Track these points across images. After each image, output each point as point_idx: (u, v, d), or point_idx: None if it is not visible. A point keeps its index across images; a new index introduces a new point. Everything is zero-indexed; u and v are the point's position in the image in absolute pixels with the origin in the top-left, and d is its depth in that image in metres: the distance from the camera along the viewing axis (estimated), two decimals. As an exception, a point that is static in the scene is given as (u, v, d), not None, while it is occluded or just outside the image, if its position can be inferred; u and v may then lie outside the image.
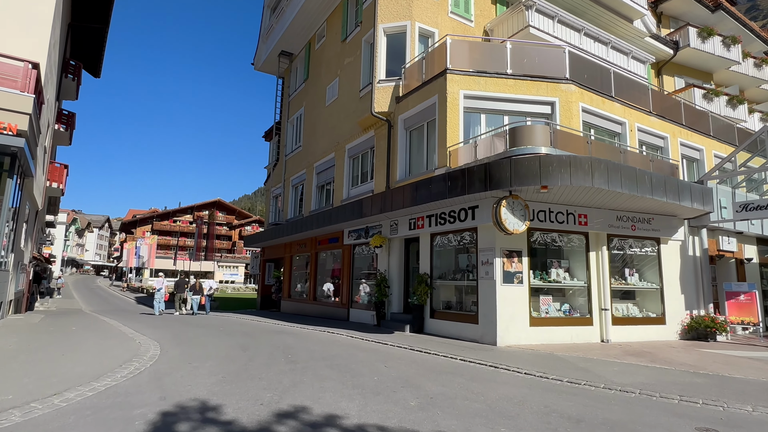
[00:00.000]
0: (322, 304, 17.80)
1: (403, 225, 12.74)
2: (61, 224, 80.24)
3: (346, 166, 17.12)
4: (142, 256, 53.37)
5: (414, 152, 13.82)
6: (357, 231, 15.22)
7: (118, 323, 13.94)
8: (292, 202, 22.39)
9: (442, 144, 11.95)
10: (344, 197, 16.83)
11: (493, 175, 8.85)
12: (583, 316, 10.60)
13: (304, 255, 20.23)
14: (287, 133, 23.66)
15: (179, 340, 9.89)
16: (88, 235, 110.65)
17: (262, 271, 24.86)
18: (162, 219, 79.95)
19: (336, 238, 16.90)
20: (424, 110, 13.03)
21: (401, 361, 7.89)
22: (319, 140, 19.63)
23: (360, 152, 16.45)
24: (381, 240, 13.23)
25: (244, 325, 14.29)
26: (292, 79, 24.09)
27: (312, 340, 10.56)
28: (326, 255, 18.50)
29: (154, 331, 11.77)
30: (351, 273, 15.85)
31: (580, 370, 7.27)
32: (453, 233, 11.28)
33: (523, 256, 10.11)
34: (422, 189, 10.54)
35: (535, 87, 12.31)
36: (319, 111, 19.94)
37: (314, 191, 19.73)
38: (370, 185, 15.43)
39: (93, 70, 29.11)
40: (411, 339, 10.57)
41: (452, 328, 10.87)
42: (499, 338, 9.57)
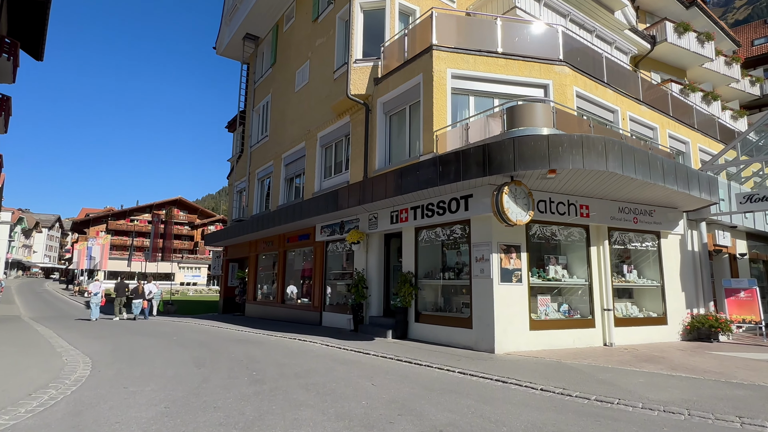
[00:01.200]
0: (291, 307, 16.27)
1: (384, 218, 11.45)
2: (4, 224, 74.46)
3: (319, 156, 15.66)
4: (94, 257, 49.70)
5: (395, 139, 12.55)
6: (331, 226, 13.81)
7: (51, 333, 11.99)
8: (257, 196, 20.68)
9: (427, 128, 10.73)
10: (316, 190, 15.37)
11: (494, 157, 7.69)
12: (585, 318, 9.62)
13: (271, 254, 18.59)
14: (252, 123, 21.91)
15: (119, 355, 8.22)
16: (36, 235, 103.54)
17: (225, 271, 22.98)
18: (118, 218, 75.42)
19: (307, 235, 15.41)
20: (407, 92, 11.79)
21: (390, 377, 6.59)
22: (287, 129, 18.06)
23: (334, 140, 15.04)
24: (358, 235, 11.88)
25: (202, 332, 12.61)
26: (258, 65, 22.35)
27: (281, 350, 9.10)
28: (296, 253, 16.96)
29: (91, 342, 9.98)
30: (324, 273, 14.41)
31: (603, 383, 6.18)
32: (442, 227, 10.07)
33: (521, 252, 9.01)
34: (408, 176, 9.28)
35: (527, 68, 11.30)
36: (287, 98, 18.37)
37: (282, 184, 18.15)
38: (345, 176, 14.05)
39: (34, 52, 26.38)
40: (395, 347, 9.28)
41: (441, 333, 9.66)
42: (497, 344, 8.43)
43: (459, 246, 9.87)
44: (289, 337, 11.14)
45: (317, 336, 11.08)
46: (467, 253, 9.54)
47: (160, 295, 20.91)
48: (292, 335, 11.35)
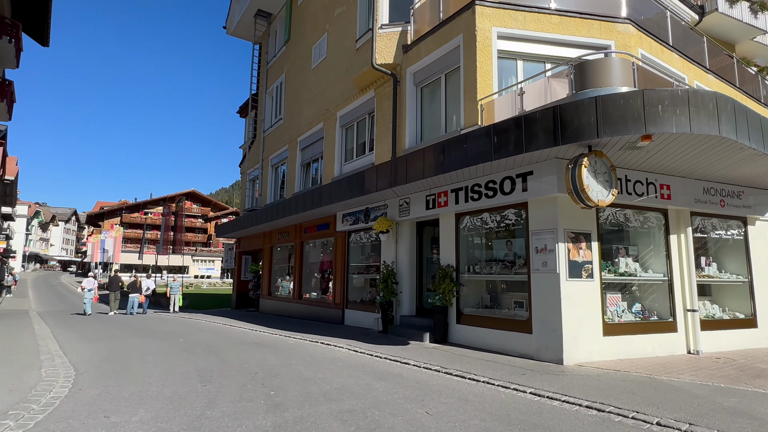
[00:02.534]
0: (309, 303, 14.90)
1: (418, 204, 9.93)
2: (21, 217, 74.72)
3: (338, 138, 14.17)
4: (107, 250, 49.18)
5: (427, 113, 11.00)
6: (354, 214, 12.34)
7: (47, 333, 10.79)
8: (271, 184, 19.31)
9: (469, 97, 9.15)
10: (336, 175, 13.91)
11: (569, 121, 6.10)
12: (664, 320, 8.01)
13: (287, 245, 17.24)
14: (265, 106, 20.49)
15: (110, 364, 6.88)
16: (53, 228, 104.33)
17: (238, 265, 21.74)
18: (132, 211, 75.26)
19: (326, 225, 13.98)
20: (442, 58, 10.21)
21: (447, 401, 5.12)
22: (303, 110, 16.60)
23: (355, 119, 13.52)
24: (387, 224, 10.39)
25: (213, 332, 11.29)
26: (270, 44, 20.88)
27: (302, 357, 7.69)
28: (314, 245, 15.56)
29: (85, 346, 8.70)
30: (346, 266, 12.98)
31: (734, 413, 4.63)
32: (490, 212, 8.51)
33: (592, 241, 7.43)
34: (453, 151, 7.73)
35: (585, 26, 9.63)
36: (303, 76, 16.88)
37: (298, 170, 16.73)
38: (369, 158, 12.55)
39: (39, 36, 25.27)
40: (438, 354, 7.81)
41: (490, 337, 8.15)
42: (566, 354, 6.90)
43: (513, 234, 8.32)
44: (309, 339, 9.74)
45: (341, 338, 9.66)
46: (522, 243, 8.00)
47: (179, 290, 19.82)
48: (312, 337, 9.96)
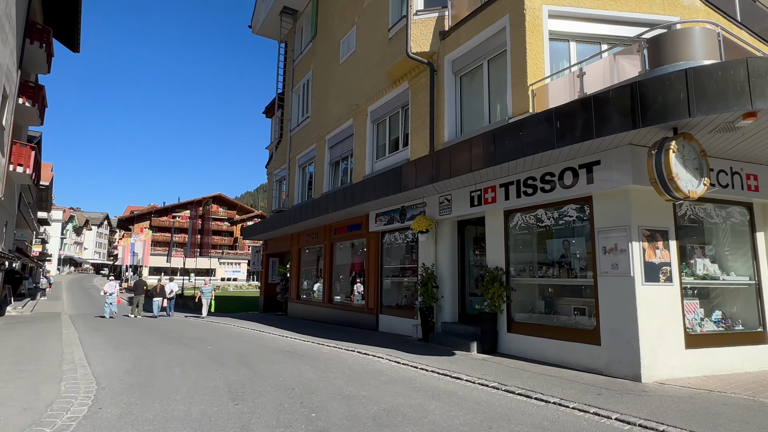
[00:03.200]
0: (340, 307, 14.24)
1: (461, 201, 9.13)
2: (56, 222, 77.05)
3: (369, 134, 13.50)
4: (136, 253, 49.98)
5: (467, 103, 10.20)
6: (388, 214, 11.62)
7: (74, 338, 10.45)
8: (299, 185, 18.80)
9: (518, 83, 8.32)
10: (368, 173, 13.23)
11: (651, 100, 5.22)
12: (752, 330, 6.98)
13: (316, 247, 16.67)
14: (291, 105, 20.04)
15: (135, 376, 6.33)
16: (87, 233, 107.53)
17: (265, 267, 21.33)
18: (161, 215, 76.72)
19: (358, 225, 13.31)
20: (485, 43, 9.40)
21: (517, 428, 4.31)
22: (331, 107, 16.01)
23: (388, 113, 12.81)
24: (427, 223, 9.62)
25: (242, 339, 10.74)
26: (296, 42, 20.43)
27: (341, 369, 7.00)
28: (344, 247, 14.92)
29: (111, 354, 8.23)
30: (380, 269, 12.26)
31: None
32: (546, 208, 7.65)
33: (669, 239, 6.50)
34: (506, 140, 6.91)
35: (647, 1, 8.67)
36: (331, 72, 16.30)
37: (327, 169, 16.14)
38: (403, 154, 11.81)
39: (70, 42, 25.61)
40: (491, 368, 6.99)
41: (549, 348, 7.28)
42: (645, 369, 5.98)
43: (571, 233, 7.43)
44: (345, 347, 9.05)
45: (379, 347, 8.93)
46: (583, 243, 7.12)
47: (211, 294, 18.88)
48: (347, 345, 9.27)
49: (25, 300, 29.67)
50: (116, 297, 17.74)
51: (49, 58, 21.94)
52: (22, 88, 19.63)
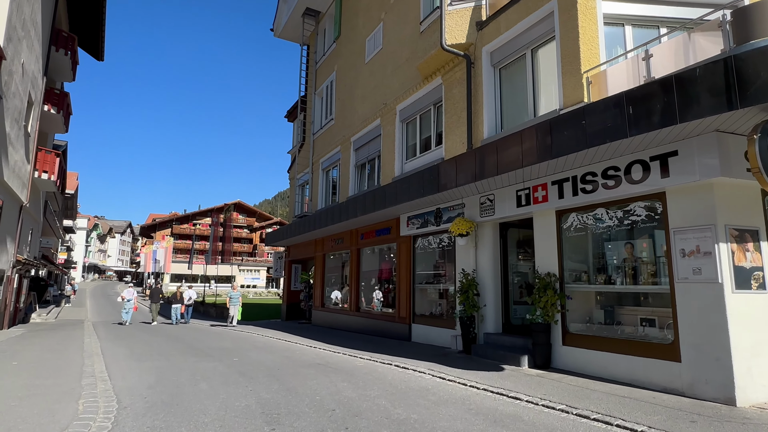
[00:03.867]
0: (368, 316, 13.57)
1: (505, 200, 8.41)
2: (81, 230, 78.59)
3: (399, 134, 12.88)
4: (158, 260, 50.29)
5: (508, 96, 9.50)
6: (422, 216, 10.95)
7: (96, 348, 10.02)
8: (322, 189, 18.28)
9: (570, 70, 7.59)
10: (397, 174, 12.59)
11: (753, 75, 4.46)
12: None
13: (341, 253, 16.07)
14: (314, 108, 19.60)
15: (159, 393, 5.76)
16: (110, 240, 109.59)
17: (287, 274, 20.83)
18: (182, 222, 77.51)
19: (387, 229, 12.67)
20: (528, 30, 8.72)
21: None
22: (357, 108, 15.48)
23: (418, 112, 12.18)
24: (467, 225, 8.91)
25: (269, 350, 10.15)
26: (319, 43, 20.04)
27: (383, 387, 6.32)
28: (372, 252, 14.28)
29: (133, 367, 7.72)
30: (412, 275, 11.57)
31: None
32: (608, 206, 6.87)
33: (760, 240, 5.67)
34: (564, 130, 6.19)
35: (711, -21, 7.86)
36: (356, 72, 15.80)
37: (352, 172, 15.57)
38: (436, 153, 11.15)
39: (94, 50, 25.79)
40: (550, 386, 6.22)
41: (613, 364, 6.47)
42: (739, 391, 5.15)
43: (638, 233, 6.64)
44: (379, 360, 8.37)
45: (417, 360, 8.23)
46: (651, 245, 6.33)
47: (239, 300, 17.20)
48: (382, 357, 8.59)
49: (50, 307, 29.86)
50: (133, 304, 18.21)
51: (74, 66, 22.05)
52: (47, 95, 19.68)
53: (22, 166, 16.20)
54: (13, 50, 13.02)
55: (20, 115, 14.98)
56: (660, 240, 6.22)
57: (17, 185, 15.68)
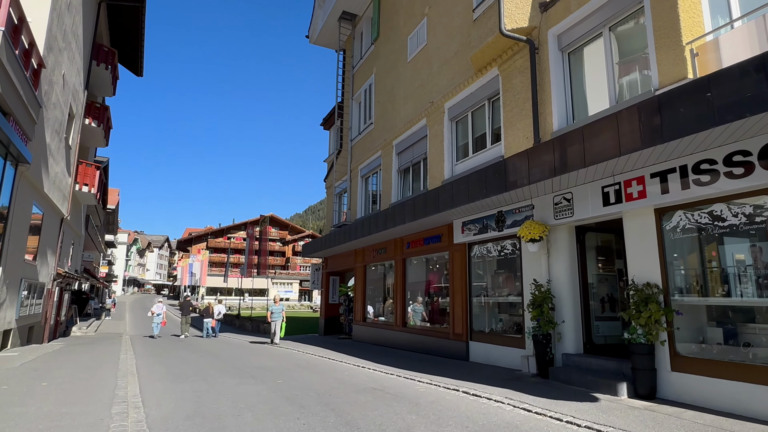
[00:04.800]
0: (417, 332, 12.47)
1: (587, 198, 7.25)
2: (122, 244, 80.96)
3: (448, 133, 11.90)
4: (194, 273, 50.80)
5: (580, 84, 8.38)
6: (479, 221, 9.87)
7: (130, 365, 9.37)
8: (361, 196, 17.46)
9: (668, 44, 6.43)
10: (447, 177, 11.59)
11: None
12: None
13: (384, 264, 15.11)
14: (352, 114, 18.92)
15: (198, 426, 4.87)
16: (149, 254, 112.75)
17: (325, 287, 20.02)
18: (216, 236, 78.72)
19: (437, 237, 11.63)
20: (606, 6, 7.63)
21: None
22: (399, 109, 14.63)
23: (470, 108, 11.18)
24: (540, 229, 7.77)
25: (315, 370, 9.22)
26: (356, 47, 19.44)
27: (458, 421, 5.23)
28: (419, 262, 13.24)
29: (167, 388, 6.93)
30: (468, 286, 10.45)
31: None
32: (728, 200, 5.62)
33: None
34: (680, 106, 5.04)
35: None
36: (397, 72, 14.99)
37: (395, 177, 14.66)
38: (494, 151, 10.09)
39: (133, 66, 26.18)
40: (669, 423, 4.98)
41: (748, 395, 5.17)
42: None
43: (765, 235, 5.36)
44: (442, 384, 7.28)
45: (487, 385, 7.09)
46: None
47: (281, 314, 15.28)
48: (443, 381, 7.50)
49: (91, 320, 30.13)
50: (162, 318, 19.18)
51: (114, 81, 22.29)
52: (87, 108, 19.81)
53: (63, 178, 16.13)
54: (53, 60, 12.88)
55: (61, 126, 14.89)
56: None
57: (58, 197, 15.57)
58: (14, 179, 10.90)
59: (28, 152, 10.76)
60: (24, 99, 10.16)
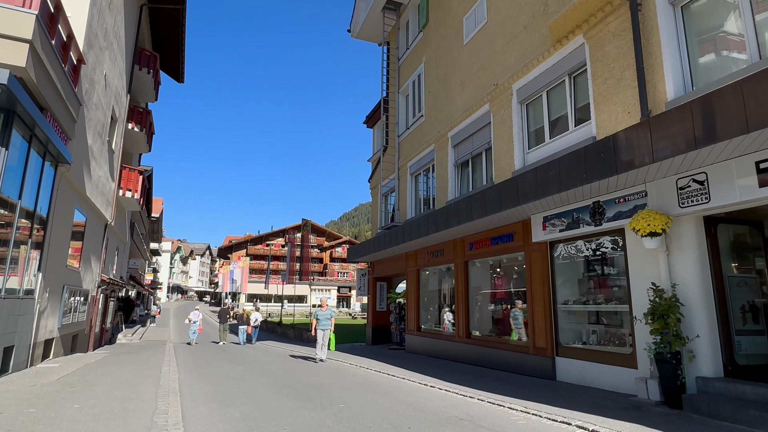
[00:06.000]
0: (485, 344, 10.99)
1: (732, 178, 5.66)
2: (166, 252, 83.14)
3: (517, 118, 10.47)
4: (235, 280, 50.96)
5: (700, 43, 6.80)
6: (567, 215, 8.36)
7: (173, 380, 8.43)
8: (411, 195, 16.19)
9: None
10: (518, 167, 10.15)
11: None
12: None
13: (441, 268, 13.75)
14: (398, 108, 17.75)
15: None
16: (191, 262, 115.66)
17: (372, 293, 18.81)
18: (255, 243, 79.46)
19: (508, 235, 10.18)
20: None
21: None
22: (454, 97, 13.30)
23: (545, 87, 9.71)
24: (661, 220, 6.22)
25: (377, 390, 7.95)
26: (401, 38, 18.29)
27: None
28: (483, 265, 11.80)
29: (212, 412, 5.83)
30: (551, 292, 8.93)
31: None
32: None
33: None
34: None
35: None
36: (451, 57, 13.69)
37: (451, 172, 13.31)
38: (579, 134, 8.59)
39: (175, 72, 26.13)
40: None
41: None
42: None
43: None
44: (543, 413, 5.85)
45: (600, 416, 5.60)
46: None
47: (330, 322, 12.28)
48: (542, 409, 6.06)
49: (136, 327, 30.23)
50: (199, 325, 19.57)
51: (156, 86, 22.09)
52: (130, 112, 19.59)
53: (106, 183, 15.72)
54: (94, 58, 12.37)
55: (103, 129, 14.45)
56: None
57: (101, 202, 15.14)
58: (54, 180, 10.30)
59: (68, 152, 10.13)
60: (63, 94, 9.51)
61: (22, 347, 9.25)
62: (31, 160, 8.86)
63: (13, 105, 7.55)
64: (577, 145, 8.34)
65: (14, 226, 8.22)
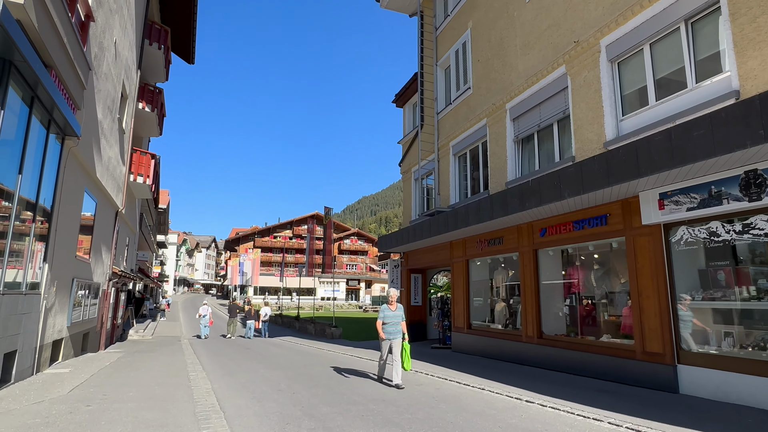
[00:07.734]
0: (564, 345, 9.41)
1: None
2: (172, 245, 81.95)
3: (607, 79, 8.80)
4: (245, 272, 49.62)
5: None
6: (701, 189, 6.71)
7: (205, 386, 6.92)
8: (455, 177, 14.57)
9: None
10: (609, 138, 8.51)
11: None
12: None
13: (499, 257, 12.15)
14: (437, 83, 16.06)
15: None
16: (197, 255, 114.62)
17: (407, 287, 17.26)
18: (263, 235, 78.12)
19: (598, 218, 8.57)
20: None
21: None
22: (515, 64, 11.63)
23: (647, 40, 8.02)
24: None
25: (469, 410, 6.36)
26: (438, 6, 16.58)
27: None
28: (556, 253, 10.20)
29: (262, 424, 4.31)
30: (669, 285, 7.32)
31: None
32: None
33: None
34: None
35: None
36: (509, 18, 11.99)
37: (511, 148, 11.67)
38: (708, 89, 6.93)
39: (185, 52, 24.47)
40: None
41: None
42: None
43: None
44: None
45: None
46: None
47: (400, 327, 8.09)
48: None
49: (146, 322, 28.85)
50: (209, 319, 19.94)
51: (167, 64, 20.49)
52: (141, 91, 18.02)
53: (116, 165, 14.18)
54: (103, 19, 10.76)
55: (114, 104, 12.87)
56: None
57: (112, 187, 13.60)
58: (60, 156, 8.73)
59: (76, 122, 8.54)
60: (70, 52, 7.92)
61: (27, 351, 7.75)
62: (33, 129, 7.28)
63: (9, 52, 5.94)
64: (706, 104, 6.71)
65: (13, 209, 6.67)
